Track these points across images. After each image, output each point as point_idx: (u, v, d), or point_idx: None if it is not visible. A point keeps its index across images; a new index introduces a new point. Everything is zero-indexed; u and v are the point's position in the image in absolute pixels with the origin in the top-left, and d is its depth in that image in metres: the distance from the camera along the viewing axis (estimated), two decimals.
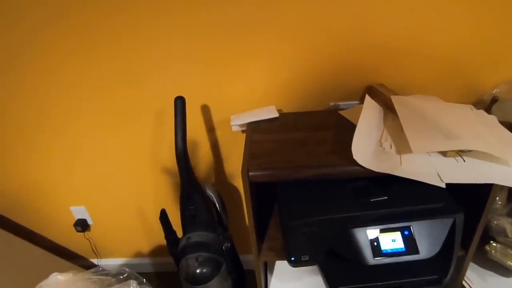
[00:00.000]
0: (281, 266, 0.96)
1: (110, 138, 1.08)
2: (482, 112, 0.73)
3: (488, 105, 0.91)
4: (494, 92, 0.91)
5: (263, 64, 0.91)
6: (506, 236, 0.80)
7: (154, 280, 1.41)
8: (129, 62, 0.92)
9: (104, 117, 1.04)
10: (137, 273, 1.04)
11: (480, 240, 0.84)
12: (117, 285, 0.66)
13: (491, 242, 0.82)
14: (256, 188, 0.82)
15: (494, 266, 0.87)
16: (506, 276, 0.86)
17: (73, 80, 0.97)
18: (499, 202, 0.85)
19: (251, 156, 0.68)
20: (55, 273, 0.69)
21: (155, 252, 1.41)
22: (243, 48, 0.88)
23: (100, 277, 0.69)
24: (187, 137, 0.83)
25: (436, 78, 0.91)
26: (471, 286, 0.83)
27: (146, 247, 1.40)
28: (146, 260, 1.44)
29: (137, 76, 0.95)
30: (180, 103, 0.76)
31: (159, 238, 1.35)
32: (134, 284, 0.68)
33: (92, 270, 0.73)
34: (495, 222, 0.82)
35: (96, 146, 1.10)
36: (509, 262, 0.79)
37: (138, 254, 1.43)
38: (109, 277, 0.69)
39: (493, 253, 0.80)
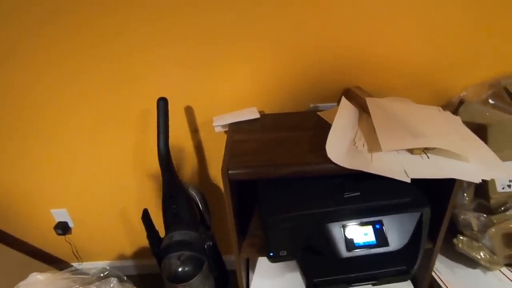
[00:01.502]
0: (263, 264, 0.98)
1: (92, 140, 1.08)
2: (447, 113, 0.78)
3: (456, 107, 0.97)
4: (461, 95, 0.98)
5: (246, 68, 0.94)
6: (472, 229, 0.86)
7: (137, 282, 1.40)
8: (114, 64, 0.93)
9: (87, 119, 1.03)
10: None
11: (449, 233, 0.89)
12: (97, 283, 0.66)
13: (459, 235, 0.87)
14: (239, 188, 0.84)
15: (461, 259, 0.92)
16: (473, 268, 0.91)
17: (58, 83, 0.97)
18: (467, 198, 0.90)
19: (231, 155, 0.71)
20: (34, 273, 0.69)
21: (138, 254, 1.40)
22: (226, 52, 0.91)
23: (79, 276, 0.69)
24: (170, 138, 0.85)
25: (408, 82, 0.97)
26: (440, 277, 0.88)
27: (128, 249, 1.39)
28: (129, 263, 1.43)
29: (121, 79, 0.96)
30: (162, 104, 0.78)
31: (142, 240, 1.34)
32: (115, 281, 0.68)
33: (71, 269, 0.72)
34: (462, 217, 0.88)
35: (78, 148, 1.10)
36: (474, 254, 0.84)
37: (121, 257, 1.42)
38: (89, 276, 0.69)
39: (460, 246, 0.86)
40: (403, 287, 0.86)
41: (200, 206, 0.92)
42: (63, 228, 1.27)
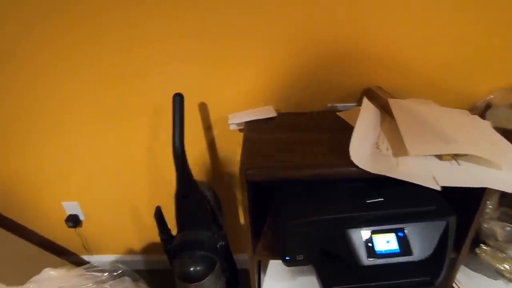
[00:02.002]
0: (274, 265, 0.96)
1: (106, 134, 1.07)
2: (476, 117, 0.75)
3: (482, 111, 0.93)
4: (488, 98, 0.93)
5: (261, 64, 0.91)
6: (496, 239, 0.82)
7: (145, 277, 1.40)
8: (126, 59, 0.91)
9: (99, 113, 1.02)
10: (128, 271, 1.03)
11: (471, 242, 0.86)
12: (111, 282, 0.65)
13: (481, 245, 0.84)
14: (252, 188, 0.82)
15: (483, 269, 0.88)
16: (494, 278, 0.88)
17: (69, 75, 0.95)
18: (490, 206, 0.86)
19: (248, 154, 0.68)
20: (47, 269, 0.68)
21: (147, 250, 1.40)
22: (241, 48, 0.88)
23: (93, 273, 0.68)
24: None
25: (432, 83, 0.93)
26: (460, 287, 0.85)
27: (138, 244, 1.39)
28: (138, 257, 1.43)
29: (134, 73, 0.94)
30: (178, 100, 0.76)
31: (151, 235, 1.34)
32: (129, 280, 0.67)
33: (86, 266, 0.72)
34: (485, 226, 0.84)
35: (91, 142, 1.09)
36: (498, 265, 0.81)
37: (130, 251, 1.42)
38: (103, 274, 0.68)
39: (483, 256, 0.82)
40: None
41: (212, 205, 0.91)
42: (74, 221, 1.27)
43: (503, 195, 0.86)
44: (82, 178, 1.18)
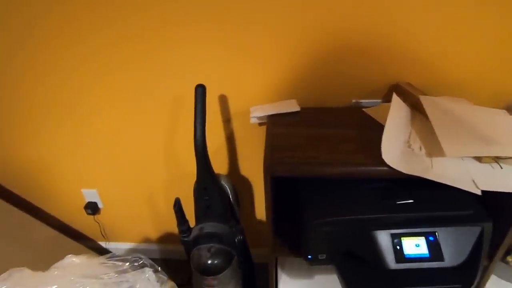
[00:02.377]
0: (291, 262, 0.94)
1: (125, 122, 1.07)
2: None
3: None
4: None
5: (284, 56, 0.88)
6: None
7: (161, 266, 1.42)
8: (146, 43, 0.89)
9: (119, 100, 1.02)
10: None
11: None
12: (132, 272, 0.66)
13: None
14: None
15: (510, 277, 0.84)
16: None
17: (87, 57, 0.94)
18: None
19: (272, 149, 0.66)
20: (70, 255, 0.69)
21: (163, 239, 1.41)
22: (264, 37, 0.85)
23: (115, 262, 0.68)
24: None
25: (465, 81, 0.88)
26: None
27: (154, 234, 1.41)
28: (153, 246, 1.44)
29: (154, 58, 0.92)
30: (200, 91, 0.74)
31: (168, 225, 1.35)
32: (150, 272, 0.67)
33: (107, 255, 0.72)
34: None
35: (110, 129, 1.09)
36: None
37: (146, 240, 1.44)
38: (124, 263, 0.69)
39: None
40: None
41: (231, 198, 0.89)
42: (92, 208, 1.29)
43: None
44: (101, 166, 1.19)
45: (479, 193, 0.51)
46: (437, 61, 0.85)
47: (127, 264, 0.69)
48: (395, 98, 0.77)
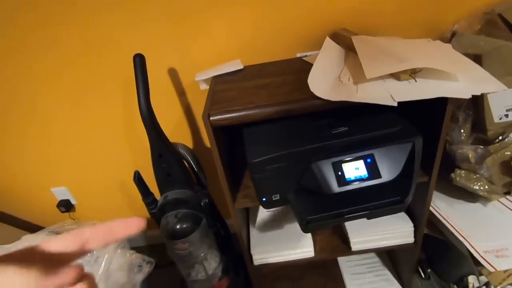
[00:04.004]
0: (262, 218, 0.98)
1: (80, 112, 1.06)
2: (437, 42, 0.74)
3: (448, 41, 0.93)
4: (454, 28, 0.93)
5: (226, 21, 0.89)
6: (469, 162, 0.84)
7: (147, 253, 1.43)
8: (88, 29, 0.89)
9: (70, 91, 1.01)
10: (131, 248, 1.05)
11: (446, 171, 0.88)
12: None
13: (456, 169, 0.86)
14: (229, 141, 0.82)
15: (461, 194, 0.91)
16: (473, 202, 0.91)
17: (34, 57, 0.93)
18: (464, 134, 0.88)
19: (212, 103, 0.68)
20: (27, 235, 0.69)
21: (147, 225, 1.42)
22: (205, 5, 0.86)
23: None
24: (158, 103, 0.82)
25: (397, 17, 0.92)
26: (440, 213, 0.87)
27: None
28: (137, 235, 1.45)
29: (98, 43, 0.92)
30: (139, 61, 0.75)
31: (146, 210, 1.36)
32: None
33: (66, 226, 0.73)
34: (459, 151, 0.86)
35: (67, 123, 1.08)
36: (472, 185, 0.83)
37: None
38: None
39: (457, 180, 0.84)
40: (402, 224, 0.86)
41: (193, 165, 0.92)
42: (65, 205, 1.29)
43: (475, 122, 0.87)
44: (66, 162, 1.19)
45: (395, 104, 0.55)
46: (369, 4, 0.88)
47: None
48: (327, 40, 0.81)
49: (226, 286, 0.97)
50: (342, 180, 0.64)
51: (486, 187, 0.82)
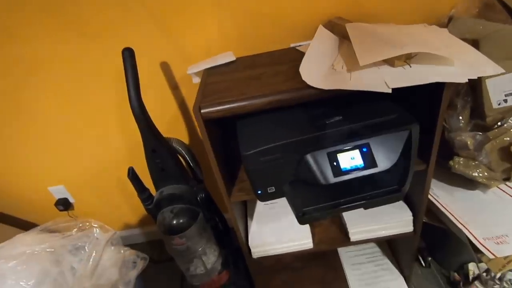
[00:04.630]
0: (260, 212, 0.98)
1: (73, 109, 1.05)
2: (434, 27, 0.73)
3: (445, 26, 0.90)
4: (450, 13, 0.90)
5: (218, 12, 0.87)
6: (468, 149, 0.83)
7: (147, 249, 1.43)
8: (80, 24, 0.88)
9: (64, 88, 1.00)
10: (129, 245, 1.05)
11: (445, 159, 0.87)
12: (79, 233, 0.66)
13: (455, 157, 0.84)
14: (224, 134, 0.81)
15: (460, 182, 0.90)
16: (472, 189, 0.90)
17: (21, 53, 0.92)
18: (462, 121, 0.86)
19: (203, 95, 0.67)
20: (19, 234, 0.69)
21: (143, 222, 1.43)
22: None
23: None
24: (152, 98, 0.81)
25: (392, 3, 0.90)
26: (439, 201, 0.87)
27: (133, 218, 1.42)
28: (136, 231, 1.46)
29: (91, 39, 0.90)
30: (128, 55, 0.73)
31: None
32: (98, 231, 0.68)
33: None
34: (457, 139, 0.84)
35: (61, 121, 1.07)
36: (471, 172, 0.82)
37: (127, 226, 1.45)
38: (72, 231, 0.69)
39: (456, 167, 0.83)
40: (400, 213, 0.85)
41: (188, 160, 0.90)
42: (64, 204, 1.28)
43: (473, 109, 0.85)
44: (62, 160, 1.18)
45: (389, 91, 0.54)
46: None
47: (75, 229, 0.70)
48: (319, 28, 0.79)
49: (225, 280, 0.97)
50: (337, 170, 0.63)
51: (485, 173, 0.81)
